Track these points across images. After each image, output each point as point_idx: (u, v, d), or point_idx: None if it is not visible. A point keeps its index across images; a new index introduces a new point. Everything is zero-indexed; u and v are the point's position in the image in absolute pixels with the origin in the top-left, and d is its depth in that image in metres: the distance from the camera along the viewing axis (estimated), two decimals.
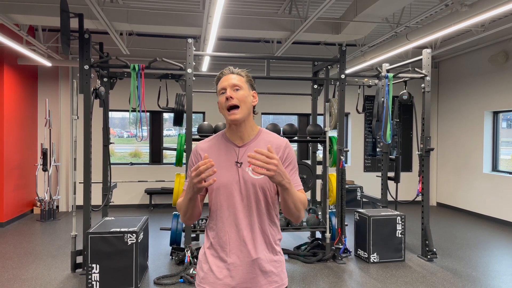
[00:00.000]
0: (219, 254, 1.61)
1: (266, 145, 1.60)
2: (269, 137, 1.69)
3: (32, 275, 4.43)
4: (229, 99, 1.59)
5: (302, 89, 7.99)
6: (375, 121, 5.20)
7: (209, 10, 4.27)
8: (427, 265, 4.90)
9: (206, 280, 1.61)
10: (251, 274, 1.58)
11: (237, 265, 1.58)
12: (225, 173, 1.61)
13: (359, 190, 8.34)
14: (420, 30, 5.41)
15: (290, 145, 1.70)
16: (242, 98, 1.60)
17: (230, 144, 1.66)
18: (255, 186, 1.60)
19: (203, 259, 1.66)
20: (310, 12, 5.43)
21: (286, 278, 1.70)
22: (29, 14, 5.26)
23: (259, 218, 1.61)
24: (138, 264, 4.01)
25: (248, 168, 1.61)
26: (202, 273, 1.64)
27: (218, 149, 1.67)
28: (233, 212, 1.60)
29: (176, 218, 5.14)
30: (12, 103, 6.86)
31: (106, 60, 4.76)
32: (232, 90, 1.60)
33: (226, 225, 1.60)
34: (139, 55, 7.83)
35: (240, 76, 1.64)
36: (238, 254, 1.58)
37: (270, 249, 1.63)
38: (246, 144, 1.65)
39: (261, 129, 1.73)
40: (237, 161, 1.63)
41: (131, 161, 8.83)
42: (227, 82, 1.62)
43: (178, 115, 4.95)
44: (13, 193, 6.94)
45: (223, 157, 1.64)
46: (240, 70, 1.67)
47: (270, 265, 1.62)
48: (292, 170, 1.65)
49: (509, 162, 7.78)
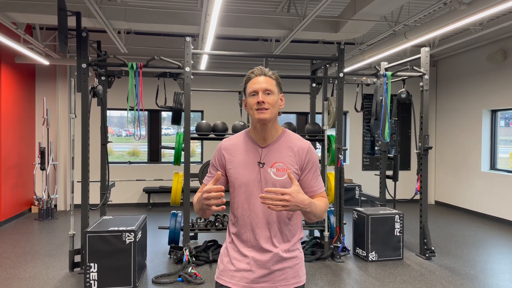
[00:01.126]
0: (240, 250, 1.66)
1: (288, 146, 1.67)
2: (292, 139, 1.71)
3: (30, 274, 4.42)
4: (261, 103, 1.61)
5: (300, 87, 7.97)
6: (374, 119, 5.20)
7: (207, 8, 4.26)
8: (425, 264, 4.91)
9: (225, 273, 1.68)
10: (269, 270, 1.63)
11: (256, 260, 1.63)
12: (248, 172, 1.66)
13: (357, 188, 8.34)
14: (419, 29, 5.40)
15: (312, 148, 1.73)
16: (272, 103, 1.63)
17: (254, 144, 1.69)
18: (276, 187, 1.62)
19: (224, 253, 1.73)
20: (309, 10, 5.43)
21: (304, 275, 1.74)
22: (27, 12, 5.24)
23: (278, 218, 1.65)
24: (136, 263, 4.00)
25: (270, 168, 1.65)
26: (222, 265, 1.70)
27: (242, 148, 1.70)
28: (254, 211, 1.65)
29: (174, 217, 5.13)
30: (9, 102, 6.84)
31: (104, 59, 4.74)
32: (264, 94, 1.62)
33: (247, 223, 1.65)
34: (137, 54, 7.81)
35: (271, 79, 1.66)
36: (257, 250, 1.63)
37: (289, 246, 1.67)
38: (269, 145, 1.68)
39: (284, 129, 1.75)
40: (259, 161, 1.66)
41: (129, 160, 8.82)
42: (259, 85, 1.63)
43: (176, 113, 4.94)
44: (11, 192, 6.92)
45: (246, 157, 1.68)
46: (271, 72, 1.68)
47: (288, 262, 1.66)
48: (314, 173, 1.70)
49: (507, 160, 7.79)
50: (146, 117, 8.57)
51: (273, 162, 1.65)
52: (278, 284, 1.64)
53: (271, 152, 1.66)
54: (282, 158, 1.66)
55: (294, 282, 1.66)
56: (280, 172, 1.64)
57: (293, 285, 1.66)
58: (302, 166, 1.67)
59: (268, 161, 1.65)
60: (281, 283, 1.64)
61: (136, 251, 4.00)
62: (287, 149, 1.68)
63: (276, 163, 1.65)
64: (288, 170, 1.53)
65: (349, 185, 8.28)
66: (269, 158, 1.66)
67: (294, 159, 1.66)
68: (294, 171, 1.65)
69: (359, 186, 8.42)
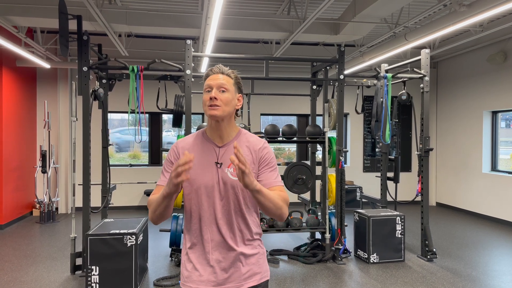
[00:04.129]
0: (201, 253, 1.64)
1: (244, 145, 1.65)
2: (247, 138, 1.71)
3: (32, 278, 4.42)
4: (213, 99, 1.59)
5: (301, 89, 7.99)
6: (374, 121, 5.20)
7: (207, 11, 4.27)
8: (427, 265, 4.90)
9: (190, 279, 1.64)
10: (233, 269, 1.62)
11: (219, 261, 1.62)
12: (205, 173, 1.63)
13: (358, 190, 8.32)
14: (419, 30, 5.41)
15: (268, 146, 1.73)
16: (226, 101, 1.61)
17: (210, 143, 1.68)
18: (235, 187, 1.62)
19: (186, 259, 1.69)
20: (309, 12, 5.44)
21: (268, 270, 1.74)
22: (28, 16, 5.25)
23: (238, 217, 1.64)
24: (138, 266, 4.00)
25: (228, 169, 1.63)
26: (186, 272, 1.67)
27: (198, 149, 1.68)
28: (213, 211, 1.63)
29: (175, 219, 5.14)
30: (11, 105, 6.85)
31: (105, 62, 4.76)
32: (218, 91, 1.61)
33: (207, 224, 1.63)
34: (138, 57, 7.83)
35: (228, 78, 1.65)
36: (220, 250, 1.62)
37: (250, 243, 1.67)
38: (226, 145, 1.67)
39: (241, 129, 1.74)
40: (217, 162, 1.64)
41: (130, 163, 8.82)
42: (214, 81, 1.62)
43: (177, 116, 4.95)
44: (12, 195, 6.93)
45: (203, 157, 1.65)
46: (230, 71, 1.67)
47: (251, 259, 1.66)
48: (269, 168, 1.67)
49: (508, 161, 7.78)
50: (147, 119, 8.58)
51: (230, 162, 1.62)
52: (244, 282, 1.63)
53: (228, 152, 1.65)
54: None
55: (259, 277, 1.67)
56: None
57: (258, 281, 1.66)
58: (258, 163, 1.67)
59: (226, 161, 1.63)
60: (247, 281, 1.64)
61: (138, 253, 4.00)
62: (244, 148, 1.66)
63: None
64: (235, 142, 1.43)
65: (350, 187, 8.27)
66: (226, 158, 1.64)
67: (251, 157, 1.65)
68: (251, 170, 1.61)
69: (360, 188, 8.41)
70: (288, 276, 4.50)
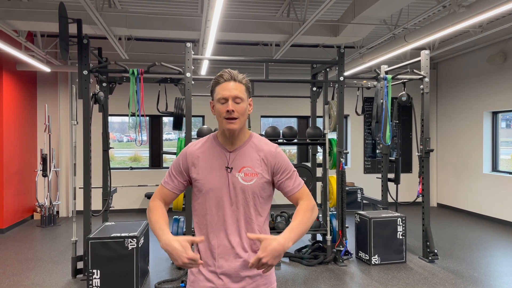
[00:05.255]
0: (208, 258, 1.63)
1: (255, 150, 1.65)
2: (259, 143, 1.69)
3: (33, 281, 4.41)
4: (231, 112, 1.57)
5: (301, 91, 8.00)
6: (375, 122, 5.20)
7: (207, 14, 4.28)
8: (428, 267, 4.89)
9: (196, 284, 1.64)
10: (239, 278, 1.61)
11: (225, 268, 1.60)
12: (215, 178, 1.62)
13: (359, 192, 8.33)
14: (418, 32, 5.42)
15: (280, 150, 1.70)
16: (242, 112, 1.60)
17: (221, 148, 1.67)
18: (245, 192, 1.61)
19: None
20: (308, 14, 5.45)
21: (275, 280, 1.72)
22: (28, 20, 5.27)
23: (247, 223, 1.63)
24: (139, 269, 4.00)
25: (238, 173, 1.62)
26: (192, 276, 1.67)
27: (209, 153, 1.66)
28: (222, 217, 1.62)
29: (176, 222, 5.13)
30: (11, 109, 6.86)
31: (105, 65, 4.76)
32: (234, 103, 1.58)
33: (215, 230, 1.62)
34: (138, 60, 7.84)
35: (240, 85, 1.60)
36: (227, 257, 1.61)
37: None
38: (237, 149, 1.66)
39: (251, 133, 1.73)
40: (227, 166, 1.63)
41: (131, 166, 8.82)
42: (228, 92, 1.57)
43: (177, 119, 4.95)
44: (13, 198, 6.93)
45: (213, 161, 1.65)
46: (240, 76, 1.62)
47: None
48: (286, 175, 1.67)
49: (509, 162, 7.78)
50: (148, 122, 8.59)
51: (241, 166, 1.62)
52: None
53: (238, 156, 1.64)
54: (250, 162, 1.63)
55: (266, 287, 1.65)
56: (248, 176, 1.62)
57: None
58: (272, 170, 1.65)
59: (236, 165, 1.62)
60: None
61: (139, 257, 3.99)
62: (255, 153, 1.65)
63: (244, 168, 1.62)
64: (248, 234, 1.51)
65: (351, 189, 8.27)
66: (237, 163, 1.63)
67: (262, 162, 1.64)
68: (263, 175, 1.63)
69: (361, 189, 8.41)
70: (289, 279, 4.49)
